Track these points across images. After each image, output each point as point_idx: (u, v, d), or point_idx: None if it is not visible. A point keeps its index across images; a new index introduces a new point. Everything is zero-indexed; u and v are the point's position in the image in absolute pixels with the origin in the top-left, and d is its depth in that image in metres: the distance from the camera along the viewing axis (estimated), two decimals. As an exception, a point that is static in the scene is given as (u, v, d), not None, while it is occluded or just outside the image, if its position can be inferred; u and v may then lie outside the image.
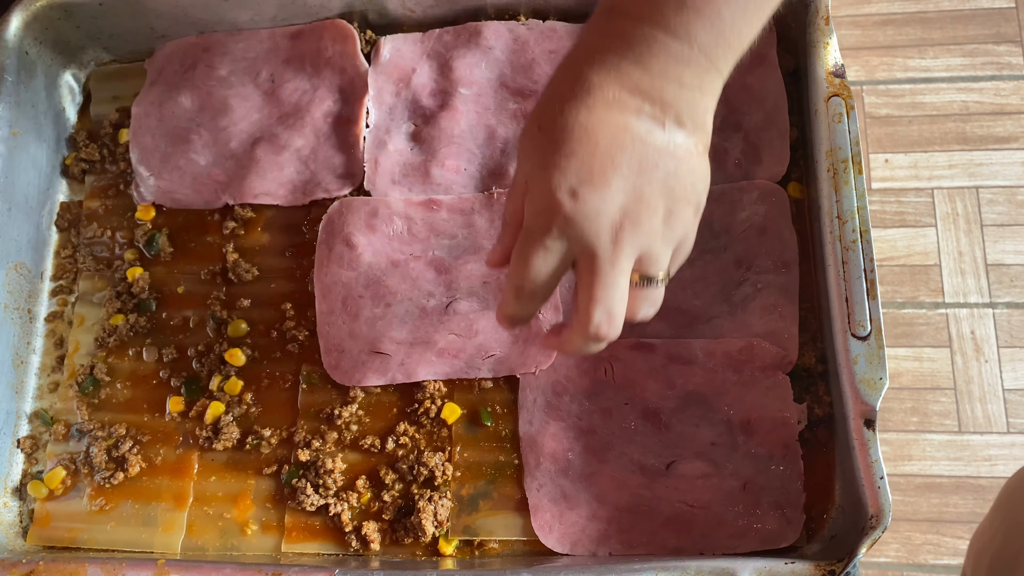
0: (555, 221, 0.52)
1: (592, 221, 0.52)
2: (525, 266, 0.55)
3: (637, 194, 0.52)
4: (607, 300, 0.54)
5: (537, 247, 0.54)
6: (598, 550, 0.67)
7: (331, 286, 0.75)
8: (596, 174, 0.51)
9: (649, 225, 0.53)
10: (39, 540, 0.73)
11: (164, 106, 0.82)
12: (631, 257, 0.54)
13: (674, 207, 0.54)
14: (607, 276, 0.53)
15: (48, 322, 0.81)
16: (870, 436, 0.62)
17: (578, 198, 0.52)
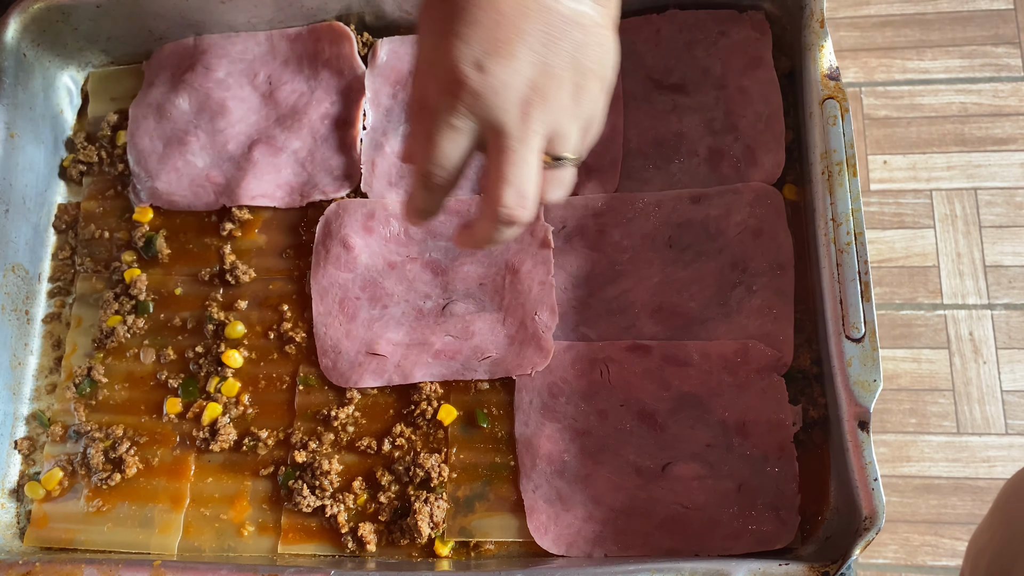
0: (461, 97, 0.49)
1: (500, 95, 0.49)
2: (432, 148, 0.52)
3: (545, 67, 0.50)
4: (518, 180, 0.51)
5: (443, 127, 0.51)
6: (593, 551, 0.67)
7: (328, 288, 0.76)
8: (502, 44, 0.49)
9: (558, 100, 0.51)
10: (36, 541, 0.74)
11: (162, 108, 0.83)
12: (541, 134, 0.51)
13: (582, 82, 0.51)
14: (517, 154, 0.51)
15: (46, 323, 0.81)
16: (864, 438, 0.62)
17: (484, 70, 0.49)
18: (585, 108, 0.53)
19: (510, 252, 0.74)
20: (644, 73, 0.78)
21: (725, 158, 0.75)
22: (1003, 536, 0.64)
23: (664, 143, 0.76)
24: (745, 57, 0.77)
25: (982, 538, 0.67)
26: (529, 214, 0.52)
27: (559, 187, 0.55)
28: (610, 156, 0.76)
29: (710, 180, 0.75)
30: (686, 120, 0.76)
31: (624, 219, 0.74)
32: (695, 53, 0.78)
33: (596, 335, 0.72)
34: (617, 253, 0.74)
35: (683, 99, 0.77)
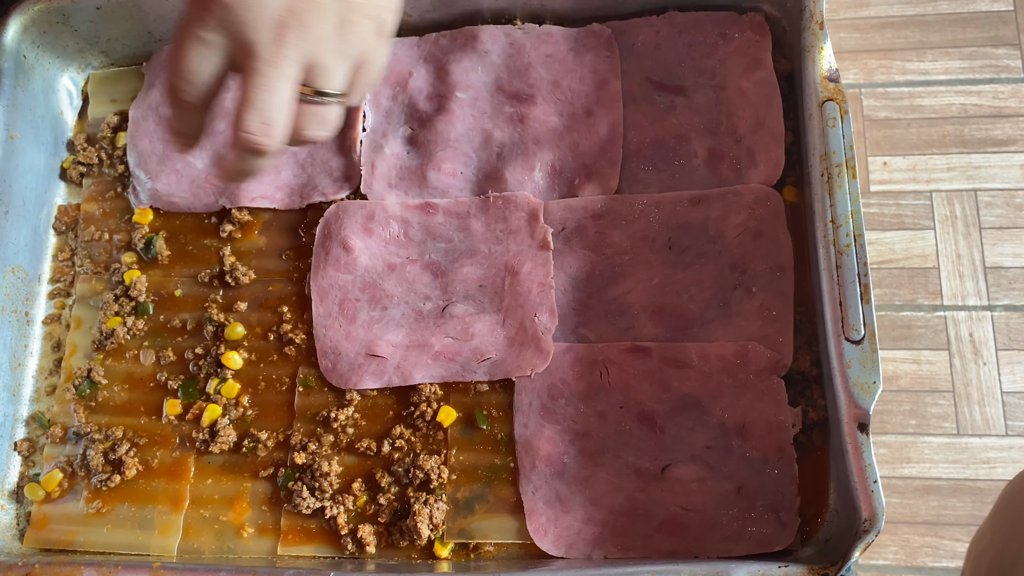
0: (211, 8, 0.47)
1: (251, 11, 0.47)
2: (180, 62, 0.49)
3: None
4: (262, 104, 0.49)
5: (192, 40, 0.49)
6: (593, 553, 0.67)
7: (328, 289, 0.76)
8: None
9: (318, 30, 0.49)
10: (36, 543, 0.74)
11: (162, 110, 0.83)
12: (296, 62, 0.49)
13: (349, 16, 0.50)
14: (264, 77, 0.48)
15: (45, 325, 0.81)
16: (863, 440, 0.62)
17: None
18: (352, 44, 0.51)
19: (509, 254, 0.74)
20: (644, 75, 0.78)
21: (725, 160, 0.75)
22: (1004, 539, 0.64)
23: (664, 145, 0.76)
24: (745, 59, 0.77)
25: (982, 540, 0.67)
26: (272, 142, 0.50)
27: (320, 125, 0.53)
28: (609, 158, 0.76)
29: (710, 182, 0.75)
30: (685, 122, 0.76)
31: (624, 221, 0.74)
32: (695, 55, 0.78)
33: (595, 337, 0.72)
34: (617, 255, 0.74)
35: (682, 101, 0.77)
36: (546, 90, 0.78)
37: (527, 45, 0.80)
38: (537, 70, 0.79)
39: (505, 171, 0.77)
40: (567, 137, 0.77)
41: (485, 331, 0.73)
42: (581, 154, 0.76)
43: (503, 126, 0.78)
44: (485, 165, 0.78)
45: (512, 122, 0.78)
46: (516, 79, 0.79)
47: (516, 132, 0.78)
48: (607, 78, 0.78)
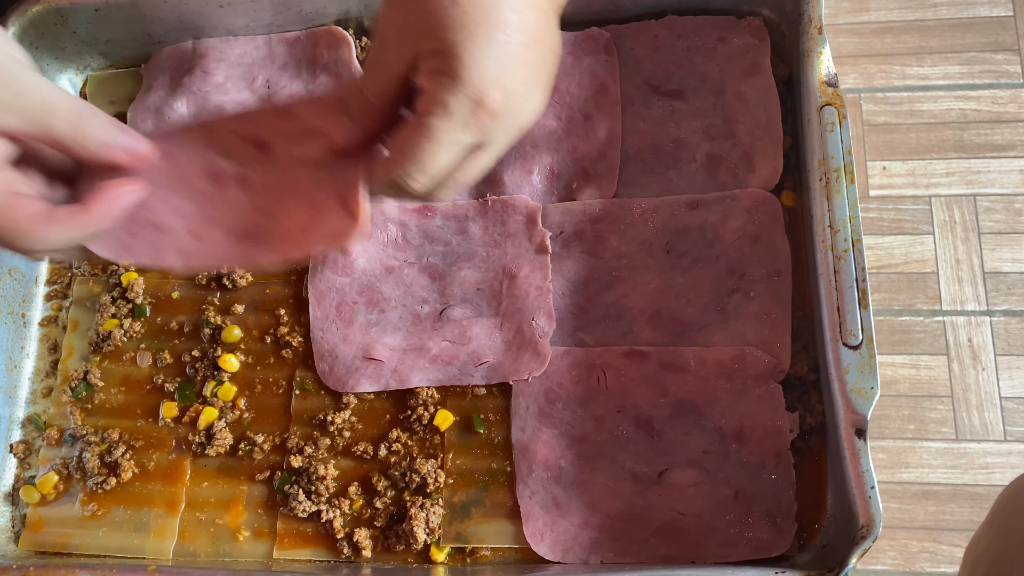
0: (480, 117, 0.47)
1: (513, 118, 0.48)
2: (430, 159, 0.49)
3: (542, 89, 0.50)
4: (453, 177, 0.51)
5: (449, 144, 0.48)
6: (589, 558, 0.67)
7: (325, 292, 0.75)
8: (527, 66, 0.48)
9: (529, 123, 0.51)
10: (31, 545, 0.73)
11: (160, 112, 0.83)
12: None
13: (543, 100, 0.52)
14: (485, 165, 0.51)
15: (42, 326, 0.81)
16: (861, 446, 0.62)
17: (506, 92, 0.47)
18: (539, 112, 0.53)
19: (507, 257, 0.74)
20: (642, 79, 0.78)
21: (723, 164, 0.75)
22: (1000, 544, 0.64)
23: (662, 149, 0.76)
24: (743, 63, 0.77)
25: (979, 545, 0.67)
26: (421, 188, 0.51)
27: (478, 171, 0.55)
28: (608, 162, 0.76)
29: (708, 186, 0.75)
30: (684, 126, 0.76)
31: (622, 225, 0.74)
32: (693, 59, 0.78)
33: (593, 341, 0.72)
34: (614, 259, 0.74)
35: (681, 105, 0.77)
36: None
37: (526, 48, 0.80)
38: (536, 73, 0.79)
39: (503, 174, 0.76)
40: (566, 141, 0.77)
41: (483, 335, 0.73)
42: (579, 158, 0.76)
43: (501, 129, 0.78)
44: None
45: (510, 125, 0.78)
46: (515, 82, 0.79)
47: (514, 135, 0.78)
48: (606, 82, 0.78)
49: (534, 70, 0.49)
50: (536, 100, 0.50)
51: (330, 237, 0.55)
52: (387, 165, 0.51)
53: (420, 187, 0.50)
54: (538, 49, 0.49)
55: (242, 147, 0.57)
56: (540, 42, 0.49)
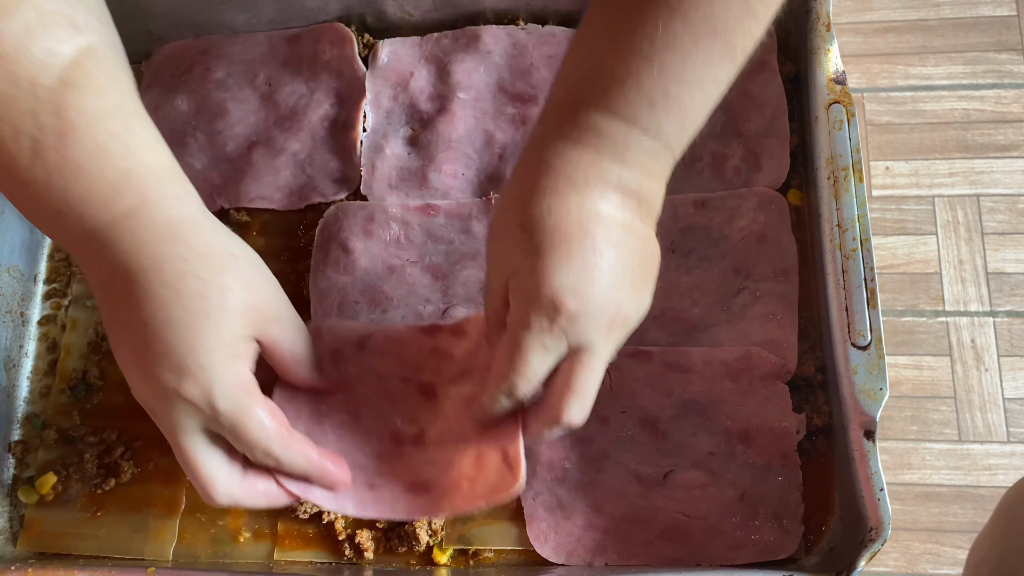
0: (558, 321, 0.51)
1: (593, 319, 0.52)
2: (524, 365, 0.53)
3: (628, 288, 0.53)
4: (587, 392, 0.53)
5: (537, 347, 0.52)
6: (594, 560, 0.67)
7: (327, 291, 0.75)
8: (596, 270, 0.51)
9: (635, 317, 0.54)
10: (29, 546, 0.73)
11: (160, 109, 0.82)
12: (615, 351, 0.54)
13: (646, 296, 0.55)
14: (595, 370, 0.53)
15: (41, 326, 0.81)
16: (870, 447, 0.61)
17: (581, 296, 0.51)
18: (643, 312, 0.56)
19: (511, 256, 0.73)
20: (647, 76, 0.78)
21: (729, 163, 0.74)
22: (1004, 546, 0.63)
23: (667, 147, 0.76)
24: (750, 61, 0.76)
25: (983, 548, 0.67)
26: (583, 422, 0.54)
27: None
28: (613, 160, 0.75)
29: (714, 185, 0.74)
30: (690, 124, 0.76)
31: (627, 224, 0.73)
32: (699, 57, 0.77)
33: (598, 341, 0.72)
34: (619, 258, 0.73)
35: (687, 103, 0.77)
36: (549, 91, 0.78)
37: (530, 46, 0.79)
38: (540, 71, 0.78)
39: (507, 172, 0.76)
40: (570, 139, 0.76)
41: (486, 335, 0.72)
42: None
43: (505, 127, 0.78)
44: (487, 166, 0.77)
45: (514, 123, 0.78)
46: (518, 80, 0.79)
47: (518, 133, 0.77)
48: (610, 80, 0.77)
49: (615, 275, 0.52)
50: (623, 299, 0.53)
51: (491, 492, 0.59)
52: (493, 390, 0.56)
53: (522, 393, 0.54)
54: (617, 255, 0.52)
55: (412, 396, 0.64)
56: (616, 248, 0.52)
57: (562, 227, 0.51)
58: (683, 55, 0.49)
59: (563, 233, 0.51)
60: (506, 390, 0.55)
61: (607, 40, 0.51)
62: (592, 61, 0.52)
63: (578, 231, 0.51)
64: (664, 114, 0.51)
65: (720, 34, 0.48)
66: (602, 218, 0.51)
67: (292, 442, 0.56)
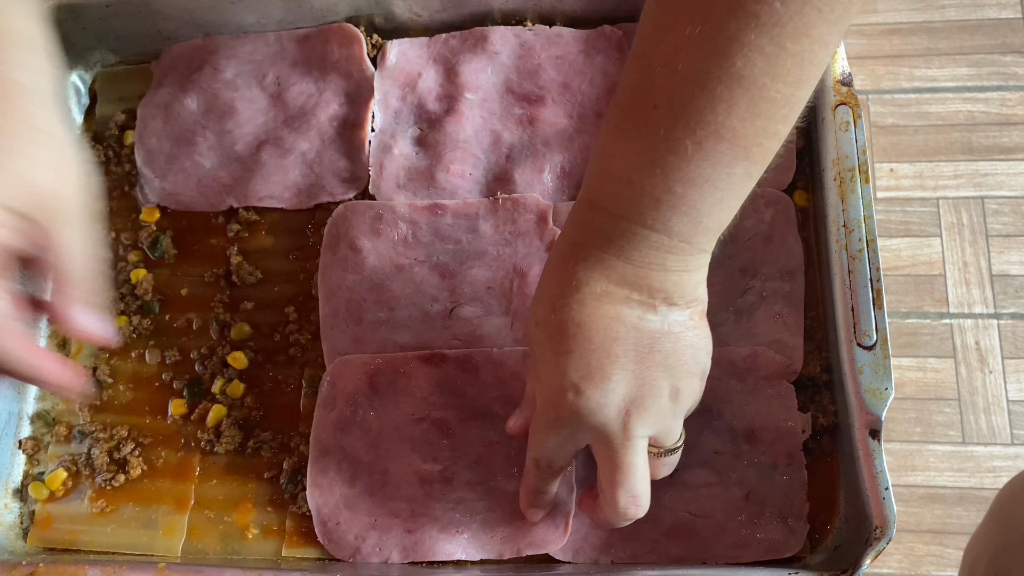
0: (562, 414, 0.55)
1: (596, 414, 0.54)
2: (541, 445, 0.59)
3: (639, 380, 0.54)
4: (628, 484, 0.56)
5: (549, 432, 0.57)
6: (600, 558, 0.67)
7: (335, 290, 0.75)
8: (595, 369, 0.53)
9: (656, 407, 0.55)
10: (40, 542, 0.73)
11: (170, 108, 0.82)
12: (644, 438, 0.56)
13: (680, 384, 0.56)
14: (624, 460, 0.55)
15: (51, 323, 0.81)
16: (875, 447, 0.62)
17: (581, 393, 0.53)
18: (685, 404, 0.57)
19: (518, 256, 0.74)
20: (654, 78, 0.78)
21: (736, 163, 0.75)
22: (999, 542, 0.64)
23: (674, 148, 0.76)
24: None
25: (978, 544, 0.67)
26: (643, 510, 0.57)
27: (667, 469, 0.60)
28: (620, 160, 0.76)
29: (720, 185, 0.74)
30: (697, 125, 0.76)
31: (633, 224, 0.74)
32: (706, 58, 0.78)
33: (604, 340, 0.72)
34: (626, 258, 0.73)
35: (694, 104, 0.77)
36: (556, 92, 0.78)
37: (537, 47, 0.80)
38: (547, 72, 0.79)
39: (514, 173, 0.76)
40: (577, 139, 0.77)
41: (493, 333, 0.72)
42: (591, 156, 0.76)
43: (512, 127, 0.78)
44: (494, 166, 0.78)
45: (522, 124, 0.78)
46: (526, 80, 0.79)
47: (526, 134, 0.78)
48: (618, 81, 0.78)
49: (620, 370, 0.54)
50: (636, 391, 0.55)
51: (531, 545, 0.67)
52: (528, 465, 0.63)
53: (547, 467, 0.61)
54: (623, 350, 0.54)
55: (429, 435, 0.70)
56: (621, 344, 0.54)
57: (565, 327, 0.54)
58: (685, 158, 0.49)
59: (565, 333, 0.54)
60: (535, 463, 0.61)
61: (615, 143, 0.53)
62: (603, 162, 0.54)
63: (578, 331, 0.53)
64: (671, 212, 0.51)
65: (726, 137, 0.49)
66: (605, 316, 0.53)
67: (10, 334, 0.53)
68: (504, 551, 0.67)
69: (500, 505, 0.68)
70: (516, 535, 0.67)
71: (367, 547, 0.68)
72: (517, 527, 0.67)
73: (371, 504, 0.69)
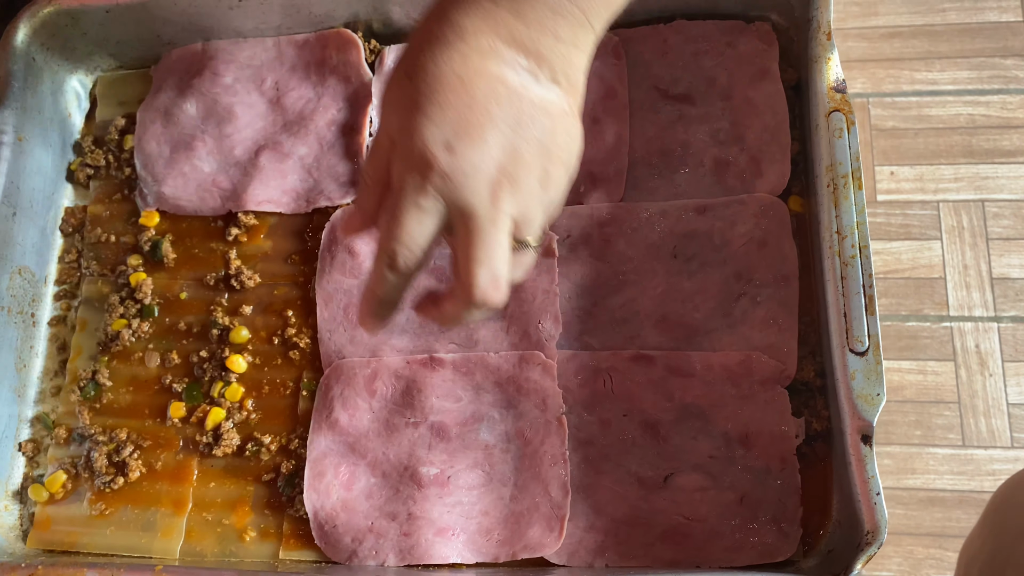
0: (430, 178, 0.49)
1: (470, 177, 0.49)
2: (400, 228, 0.50)
3: (514, 151, 0.49)
4: (491, 261, 0.50)
5: (411, 207, 0.50)
6: (595, 562, 0.67)
7: (333, 293, 0.76)
8: (473, 127, 0.48)
9: (527, 186, 0.50)
10: (39, 544, 0.74)
11: (169, 113, 0.83)
12: (510, 217, 0.51)
13: (550, 168, 0.51)
14: (489, 235, 0.50)
15: (51, 326, 0.82)
16: (867, 452, 0.62)
17: (454, 152, 0.48)
18: (551, 194, 0.52)
19: (515, 260, 0.74)
20: (650, 83, 0.78)
21: (730, 169, 0.75)
22: (993, 543, 0.64)
23: (670, 153, 0.76)
24: (752, 68, 0.77)
25: (973, 546, 0.67)
26: (502, 296, 0.51)
27: (522, 269, 0.55)
28: (615, 166, 0.76)
29: (715, 191, 0.75)
30: (692, 130, 0.76)
31: (629, 229, 0.74)
32: (702, 64, 0.78)
33: (600, 344, 0.72)
34: (622, 263, 0.74)
35: (689, 109, 0.77)
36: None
37: (534, 52, 0.80)
38: (544, 77, 0.79)
39: (511, 178, 0.76)
40: (573, 144, 0.77)
41: (489, 337, 0.73)
42: (587, 161, 0.76)
43: (509, 133, 0.78)
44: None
45: (518, 129, 0.78)
46: (523, 86, 0.79)
47: (522, 139, 0.78)
48: (614, 86, 0.78)
49: (497, 135, 0.49)
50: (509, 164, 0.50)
51: (530, 548, 0.67)
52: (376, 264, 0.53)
53: (404, 262, 0.51)
54: (502, 115, 0.49)
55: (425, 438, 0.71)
56: (501, 107, 0.49)
57: (444, 78, 0.48)
58: None
59: (443, 84, 0.48)
60: (387, 260, 0.52)
61: None
62: None
63: (459, 84, 0.48)
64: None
65: None
66: (488, 74, 0.49)
67: None
68: (499, 554, 0.68)
69: (496, 509, 0.69)
70: (512, 539, 0.68)
71: (364, 550, 0.69)
72: (513, 531, 0.68)
73: (368, 507, 0.70)
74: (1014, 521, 0.62)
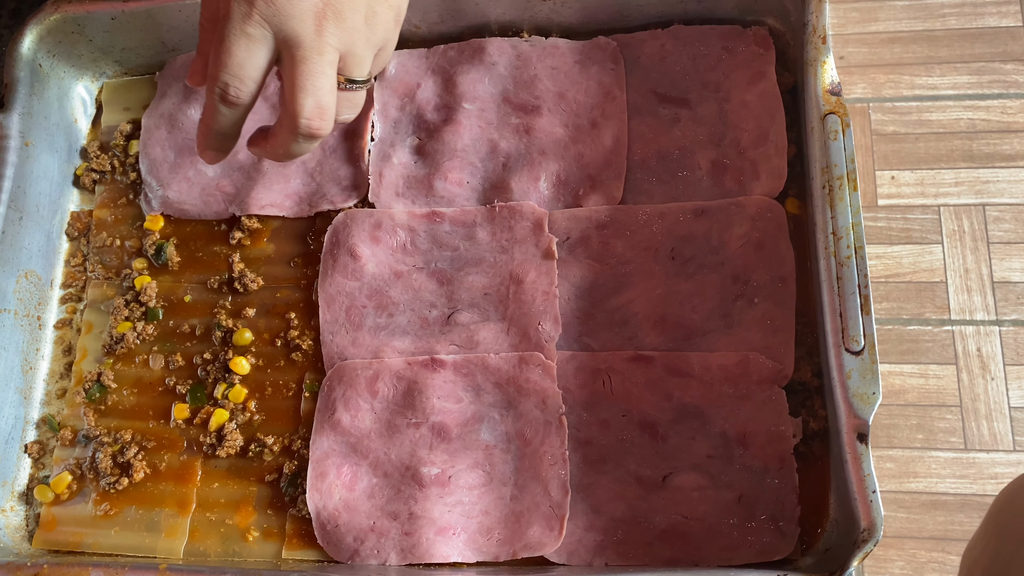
0: (256, 4, 0.50)
1: (293, 4, 0.50)
2: (228, 57, 0.52)
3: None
4: (316, 91, 0.52)
5: (239, 35, 0.52)
6: (594, 561, 0.68)
7: (335, 296, 0.76)
8: None
9: (352, 21, 0.52)
10: (44, 544, 0.74)
11: (174, 118, 0.84)
12: (336, 50, 0.53)
13: (376, 7, 0.53)
14: (314, 64, 0.52)
15: (57, 329, 0.83)
16: (863, 450, 0.62)
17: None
18: (378, 34, 0.55)
19: (514, 262, 0.75)
20: (648, 87, 0.79)
21: (728, 171, 0.76)
22: (996, 546, 0.64)
23: (667, 156, 0.77)
24: (748, 72, 0.78)
25: (976, 549, 0.68)
26: (328, 126, 0.53)
27: (351, 108, 0.57)
28: (614, 169, 0.77)
29: (713, 193, 0.75)
30: (689, 134, 0.77)
31: (627, 231, 0.75)
32: (699, 68, 0.79)
33: (599, 345, 0.73)
34: (620, 264, 0.74)
35: (687, 113, 0.78)
36: (552, 102, 0.79)
37: (534, 57, 0.81)
38: (543, 82, 0.80)
39: (511, 181, 0.77)
40: (572, 148, 0.78)
41: (489, 339, 0.74)
42: (586, 165, 0.77)
43: (509, 137, 0.79)
44: (491, 175, 0.79)
45: (518, 133, 0.79)
46: (522, 91, 0.80)
47: (522, 143, 0.79)
48: (612, 90, 0.79)
49: None
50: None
51: (530, 547, 0.68)
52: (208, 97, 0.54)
53: (235, 93, 0.53)
54: None
55: (426, 438, 0.71)
56: None
57: None
58: None
59: None
60: (219, 93, 0.53)
61: None
62: None
63: None
64: None
65: None
66: None
67: None
68: (500, 553, 0.68)
69: (496, 508, 0.69)
70: (512, 538, 0.68)
71: (366, 549, 0.69)
72: (513, 530, 0.68)
73: (370, 507, 0.70)
74: (1016, 525, 0.63)
